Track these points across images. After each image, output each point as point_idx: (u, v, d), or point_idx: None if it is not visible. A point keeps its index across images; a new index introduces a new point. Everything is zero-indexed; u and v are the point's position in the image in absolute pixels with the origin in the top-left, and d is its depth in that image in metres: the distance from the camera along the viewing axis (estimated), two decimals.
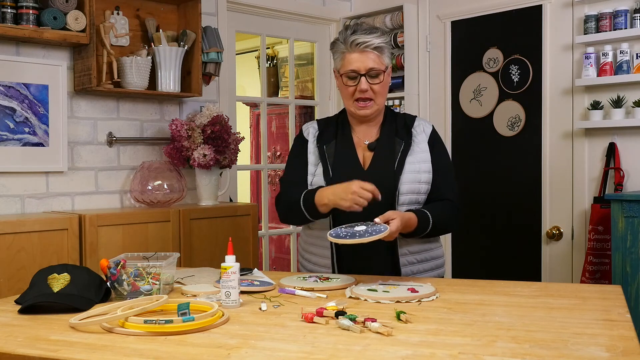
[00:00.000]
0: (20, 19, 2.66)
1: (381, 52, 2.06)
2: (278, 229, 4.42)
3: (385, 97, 2.14)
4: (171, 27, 3.24)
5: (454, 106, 3.67)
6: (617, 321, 1.44)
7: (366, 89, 2.05)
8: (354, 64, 2.05)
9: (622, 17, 2.96)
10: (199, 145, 3.05)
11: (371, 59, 2.05)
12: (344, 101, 2.15)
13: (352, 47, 2.05)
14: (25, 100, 2.80)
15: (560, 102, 3.24)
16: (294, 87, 4.07)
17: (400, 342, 1.31)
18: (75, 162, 2.99)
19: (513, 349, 1.24)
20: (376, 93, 2.08)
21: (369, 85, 2.05)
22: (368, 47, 2.04)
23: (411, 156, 2.10)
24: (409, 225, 1.97)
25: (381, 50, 2.06)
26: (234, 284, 1.62)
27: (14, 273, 2.44)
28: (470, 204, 3.51)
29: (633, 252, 2.64)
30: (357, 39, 2.04)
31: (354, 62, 2.05)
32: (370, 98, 2.08)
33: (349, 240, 1.81)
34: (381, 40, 2.07)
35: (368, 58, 2.04)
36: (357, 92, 2.07)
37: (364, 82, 2.05)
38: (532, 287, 1.85)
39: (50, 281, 1.67)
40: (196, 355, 1.25)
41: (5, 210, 2.77)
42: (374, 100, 2.09)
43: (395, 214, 1.90)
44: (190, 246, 2.93)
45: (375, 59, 2.05)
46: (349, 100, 2.11)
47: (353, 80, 2.07)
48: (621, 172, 3.00)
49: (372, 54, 2.05)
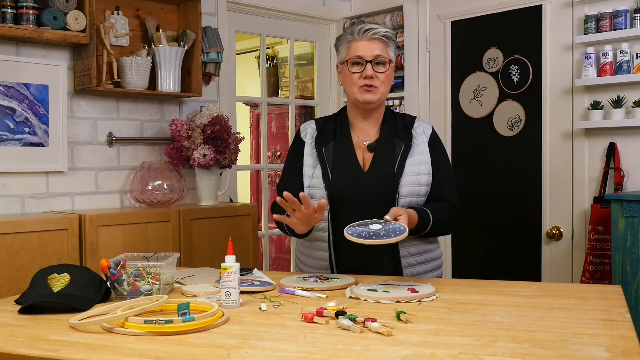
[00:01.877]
0: (20, 19, 2.66)
1: (388, 44, 2.07)
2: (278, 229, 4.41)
3: (388, 90, 2.12)
4: (171, 27, 3.24)
5: (454, 106, 3.67)
6: (617, 321, 1.44)
7: (371, 75, 2.04)
8: (360, 50, 2.05)
9: (622, 17, 2.96)
10: (199, 145, 3.05)
11: (378, 46, 2.05)
12: (347, 90, 2.12)
13: (360, 35, 2.06)
14: (25, 100, 2.80)
15: (560, 102, 3.24)
16: (294, 87, 4.07)
17: (400, 342, 1.30)
18: (75, 162, 2.99)
19: (513, 349, 1.24)
20: (381, 82, 2.06)
21: (374, 73, 2.05)
22: (376, 34, 2.05)
23: (411, 158, 2.08)
24: (411, 222, 1.97)
25: (388, 40, 2.07)
26: (234, 284, 1.62)
27: (14, 273, 2.44)
28: (470, 204, 3.51)
29: (633, 252, 2.64)
30: (365, 26, 2.07)
31: (360, 49, 2.05)
32: (375, 85, 2.06)
33: (374, 241, 1.75)
34: (389, 32, 2.08)
35: (375, 45, 2.05)
36: (362, 79, 2.05)
37: (370, 69, 2.04)
38: (532, 287, 1.85)
39: (50, 281, 1.67)
40: (196, 355, 1.25)
41: (5, 210, 2.78)
42: (378, 88, 2.07)
43: (402, 210, 1.90)
44: (190, 246, 2.93)
45: (382, 48, 2.06)
46: (353, 87, 2.08)
47: (359, 66, 2.06)
48: (621, 172, 3.00)
49: (379, 42, 2.05)
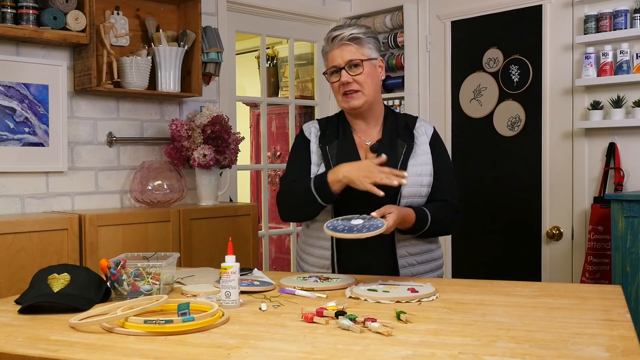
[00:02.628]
0: (20, 19, 2.66)
1: (359, 43, 2.07)
2: (278, 229, 4.42)
3: (375, 89, 2.11)
4: (171, 27, 3.24)
5: (454, 106, 3.67)
6: (617, 321, 1.44)
7: (348, 80, 2.06)
8: (334, 59, 2.08)
9: (622, 17, 2.96)
10: (199, 145, 3.05)
11: (348, 50, 2.06)
12: (336, 100, 2.16)
13: (331, 44, 2.09)
14: (25, 100, 2.80)
15: (560, 102, 3.24)
16: (294, 87, 4.07)
17: (400, 342, 1.30)
18: (75, 162, 2.99)
19: (513, 349, 1.24)
20: (361, 84, 2.07)
21: (350, 77, 2.06)
22: (343, 39, 2.06)
23: (413, 159, 2.09)
24: (406, 221, 1.97)
25: (358, 41, 2.07)
26: (234, 284, 1.62)
27: (14, 273, 2.44)
28: (470, 204, 3.51)
29: (633, 252, 2.64)
30: (333, 34, 2.09)
31: (334, 58, 2.09)
32: (356, 89, 2.08)
33: (346, 235, 1.80)
34: (358, 31, 2.08)
35: (345, 50, 2.07)
36: (341, 87, 2.09)
37: (345, 75, 2.06)
38: (532, 287, 1.85)
39: (50, 281, 1.67)
40: (196, 355, 1.25)
41: (5, 210, 2.77)
42: (361, 91, 2.08)
43: (392, 208, 1.90)
44: (190, 246, 2.93)
45: (352, 50, 2.06)
46: (338, 96, 2.13)
47: (336, 75, 2.09)
48: (621, 172, 3.00)
49: (350, 46, 2.06)
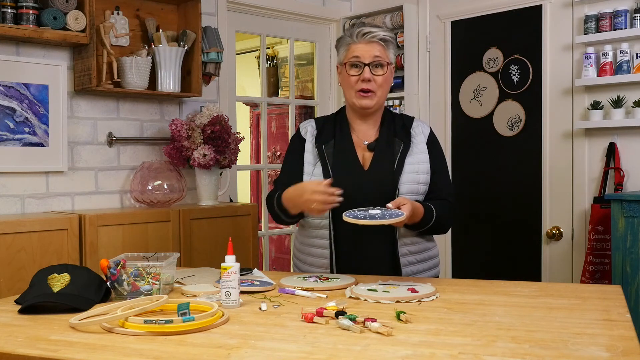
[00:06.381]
0: (20, 19, 2.66)
1: (386, 46, 2.08)
2: (278, 229, 4.41)
3: (386, 94, 2.13)
4: (171, 27, 3.24)
5: (454, 106, 3.67)
6: (617, 321, 1.44)
7: (369, 78, 2.05)
8: (360, 53, 2.06)
9: (622, 17, 2.96)
10: (199, 145, 3.05)
11: (376, 49, 2.06)
12: (345, 93, 2.13)
13: (359, 38, 2.07)
14: (25, 100, 2.80)
15: (560, 102, 3.24)
16: (294, 87, 4.07)
17: (400, 342, 1.31)
18: (75, 162, 2.99)
19: (513, 349, 1.24)
20: (379, 85, 2.07)
21: (372, 76, 2.05)
22: (374, 37, 2.06)
23: (410, 157, 2.10)
24: (416, 215, 1.97)
25: (387, 44, 2.08)
26: (234, 284, 1.62)
27: (14, 273, 2.44)
28: (470, 204, 3.51)
29: (633, 252, 2.64)
30: (364, 29, 2.07)
31: (359, 51, 2.06)
32: (372, 90, 2.07)
33: (367, 221, 1.79)
34: (387, 34, 2.09)
35: (373, 48, 2.06)
36: (359, 82, 2.06)
37: (368, 72, 2.05)
38: (532, 287, 1.85)
39: (50, 281, 1.67)
40: (196, 355, 1.25)
41: (5, 210, 2.77)
42: (376, 92, 2.07)
43: (406, 200, 1.90)
44: (190, 246, 2.93)
45: (380, 50, 2.06)
46: (351, 90, 2.09)
47: (356, 69, 2.07)
48: (621, 172, 3.00)
49: (378, 45, 2.06)
